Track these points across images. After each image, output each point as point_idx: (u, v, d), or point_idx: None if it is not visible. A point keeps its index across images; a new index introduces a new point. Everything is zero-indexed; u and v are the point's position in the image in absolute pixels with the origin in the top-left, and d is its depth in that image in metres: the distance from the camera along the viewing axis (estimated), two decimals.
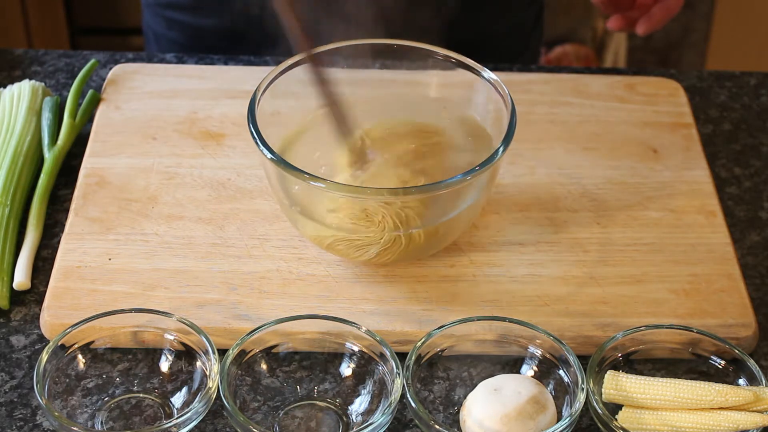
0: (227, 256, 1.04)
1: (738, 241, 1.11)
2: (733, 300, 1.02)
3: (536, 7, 1.45)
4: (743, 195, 1.16)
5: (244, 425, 0.89)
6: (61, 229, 1.08)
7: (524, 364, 0.97)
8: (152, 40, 1.43)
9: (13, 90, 1.18)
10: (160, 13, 1.39)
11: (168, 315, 0.96)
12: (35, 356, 0.99)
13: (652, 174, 1.14)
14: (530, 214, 1.10)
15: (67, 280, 1.02)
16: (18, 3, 2.31)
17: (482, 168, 0.96)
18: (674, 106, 1.22)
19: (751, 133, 1.24)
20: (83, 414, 0.94)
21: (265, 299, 1.01)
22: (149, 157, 1.14)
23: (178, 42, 1.39)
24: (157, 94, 1.21)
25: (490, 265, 1.05)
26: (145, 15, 1.43)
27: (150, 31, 1.43)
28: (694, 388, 0.92)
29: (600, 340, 0.98)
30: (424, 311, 1.01)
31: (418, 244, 1.00)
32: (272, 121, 1.02)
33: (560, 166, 1.15)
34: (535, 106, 1.21)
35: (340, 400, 0.95)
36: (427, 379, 0.97)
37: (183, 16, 1.37)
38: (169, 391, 0.96)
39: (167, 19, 1.39)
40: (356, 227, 0.97)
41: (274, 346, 0.97)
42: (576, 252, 1.06)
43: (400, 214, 0.97)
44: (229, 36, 1.35)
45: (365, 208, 0.97)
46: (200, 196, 1.10)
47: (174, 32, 1.39)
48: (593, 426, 0.95)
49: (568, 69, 1.31)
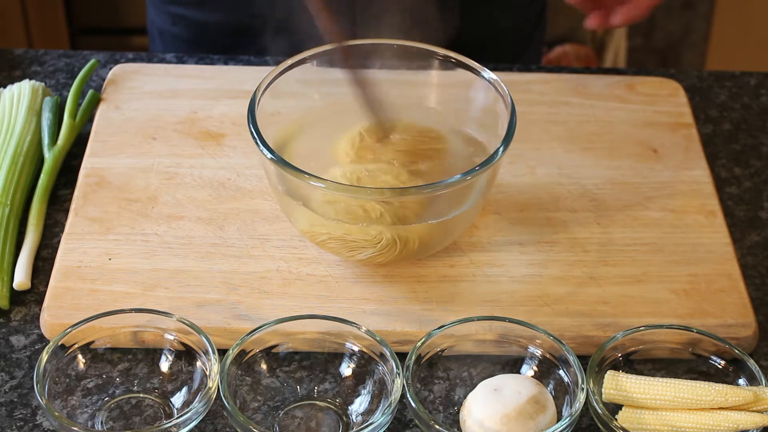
0: (227, 256, 1.04)
1: (738, 241, 1.11)
2: (733, 300, 1.02)
3: (537, 6, 1.44)
4: (743, 195, 1.16)
5: (244, 425, 0.89)
6: (61, 229, 1.08)
7: (524, 364, 0.97)
8: (156, 36, 1.43)
9: (13, 90, 1.18)
10: (164, 9, 1.39)
11: (168, 315, 0.96)
12: (35, 356, 0.99)
13: (652, 174, 1.14)
14: (530, 214, 1.10)
15: (67, 280, 1.02)
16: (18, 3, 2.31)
17: (482, 168, 0.96)
18: (674, 106, 1.23)
19: (751, 133, 1.24)
20: (83, 414, 0.94)
21: (265, 299, 1.01)
22: (149, 157, 1.14)
23: (182, 38, 1.39)
24: (157, 94, 1.21)
25: (490, 265, 1.05)
26: (150, 12, 1.43)
27: (154, 27, 1.43)
28: (694, 388, 0.92)
29: (600, 340, 0.98)
30: (424, 311, 1.01)
31: (412, 249, 1.00)
32: (272, 121, 1.02)
33: (560, 166, 1.15)
34: (535, 106, 1.21)
35: (340, 400, 0.95)
36: (427, 379, 0.97)
37: (187, 12, 1.37)
38: (169, 391, 0.96)
39: (171, 14, 1.39)
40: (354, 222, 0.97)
41: (274, 346, 0.97)
42: (576, 252, 1.06)
43: (398, 214, 0.97)
44: (233, 31, 1.35)
45: (362, 204, 0.97)
46: (200, 196, 1.10)
47: (178, 28, 1.39)
48: (593, 426, 0.95)
49: (568, 69, 1.31)
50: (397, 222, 0.98)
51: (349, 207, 0.97)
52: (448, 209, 0.99)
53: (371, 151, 1.04)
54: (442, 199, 0.98)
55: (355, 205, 0.97)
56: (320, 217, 0.98)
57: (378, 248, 0.98)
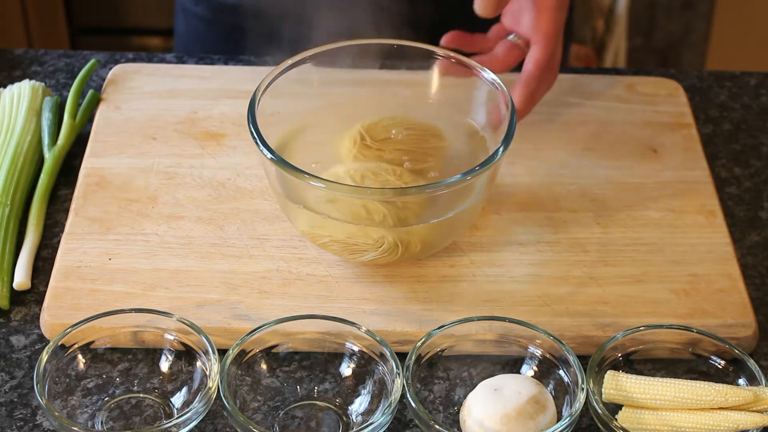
0: (227, 256, 1.04)
1: (738, 241, 1.11)
2: (733, 300, 1.02)
3: None
4: (743, 195, 1.16)
5: (244, 425, 0.89)
6: (61, 229, 1.08)
7: (524, 364, 0.97)
8: (180, 12, 1.45)
9: (13, 90, 1.19)
10: None
11: (168, 315, 0.96)
12: (35, 356, 0.99)
13: (652, 174, 1.14)
14: (530, 214, 1.10)
15: (67, 280, 1.02)
16: (18, 3, 2.31)
17: (482, 168, 0.96)
18: (674, 106, 1.23)
19: (751, 133, 1.24)
20: (83, 414, 0.94)
21: (265, 299, 1.01)
22: (149, 157, 1.14)
23: (204, 18, 1.40)
24: (157, 94, 1.21)
25: (490, 265, 1.05)
26: None
27: (180, 6, 1.45)
28: (694, 388, 0.92)
29: (600, 340, 0.98)
30: (424, 311, 1.01)
31: (414, 252, 1.00)
32: (272, 121, 1.02)
33: (560, 166, 1.15)
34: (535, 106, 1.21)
35: (340, 400, 0.95)
36: (427, 379, 0.97)
37: None
38: (169, 391, 0.96)
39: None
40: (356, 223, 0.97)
41: (274, 346, 0.97)
42: (576, 252, 1.06)
43: (400, 215, 0.97)
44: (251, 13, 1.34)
45: (365, 204, 0.97)
46: (200, 196, 1.10)
47: (200, 7, 1.40)
48: (593, 426, 0.95)
49: (568, 69, 1.31)
50: (398, 223, 0.98)
51: (350, 207, 0.97)
52: (449, 209, 0.99)
53: (372, 149, 1.04)
54: (442, 199, 0.98)
55: (357, 205, 0.97)
56: (321, 218, 0.98)
57: (380, 251, 0.98)
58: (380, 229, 0.97)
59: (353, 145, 1.04)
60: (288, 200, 0.99)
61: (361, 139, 1.04)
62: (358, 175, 1.01)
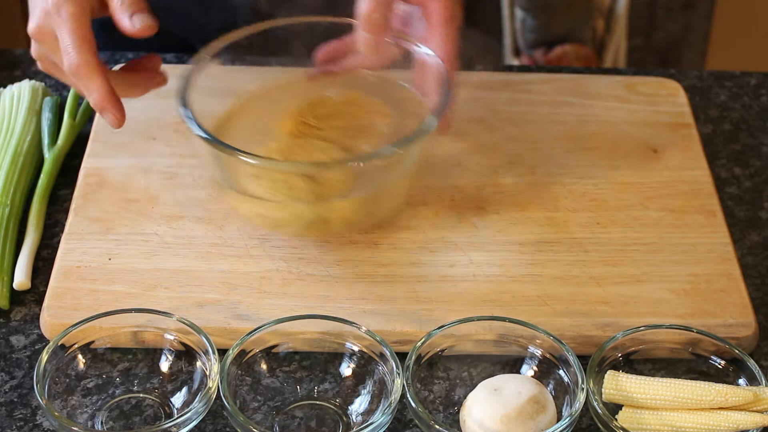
0: (227, 256, 1.04)
1: (738, 241, 1.11)
2: (733, 300, 1.02)
3: None
4: (743, 195, 1.16)
5: (244, 425, 0.89)
6: (61, 229, 1.08)
7: (524, 364, 0.97)
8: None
9: (13, 90, 1.19)
10: None
11: (168, 315, 0.96)
12: (35, 356, 0.99)
13: (652, 174, 1.14)
14: (530, 214, 1.10)
15: (67, 280, 1.02)
16: (18, 3, 2.31)
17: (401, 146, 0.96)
18: (674, 106, 1.23)
19: (751, 133, 1.24)
20: (83, 414, 0.94)
21: (265, 299, 1.01)
22: (149, 157, 1.14)
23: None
24: (157, 94, 1.21)
25: (490, 265, 1.05)
26: None
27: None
28: (694, 388, 0.92)
29: (600, 340, 0.98)
30: (424, 311, 1.01)
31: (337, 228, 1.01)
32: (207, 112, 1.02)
33: (560, 166, 1.15)
34: (535, 106, 1.21)
35: (340, 400, 0.95)
36: (427, 379, 0.97)
37: None
38: (169, 391, 0.96)
39: None
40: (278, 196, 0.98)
41: (274, 346, 0.97)
42: (576, 252, 1.06)
43: (320, 190, 0.97)
44: None
45: (286, 179, 0.97)
46: (200, 196, 1.10)
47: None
48: (593, 426, 0.95)
49: (568, 69, 1.31)
50: (318, 199, 0.98)
51: (273, 183, 0.98)
52: (372, 185, 0.99)
53: (310, 127, 1.04)
54: (366, 176, 0.98)
55: (280, 180, 0.97)
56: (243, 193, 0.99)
57: (301, 226, 1.00)
58: (301, 204, 0.98)
59: (292, 122, 1.04)
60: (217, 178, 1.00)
61: (300, 116, 1.04)
62: (288, 151, 1.01)
